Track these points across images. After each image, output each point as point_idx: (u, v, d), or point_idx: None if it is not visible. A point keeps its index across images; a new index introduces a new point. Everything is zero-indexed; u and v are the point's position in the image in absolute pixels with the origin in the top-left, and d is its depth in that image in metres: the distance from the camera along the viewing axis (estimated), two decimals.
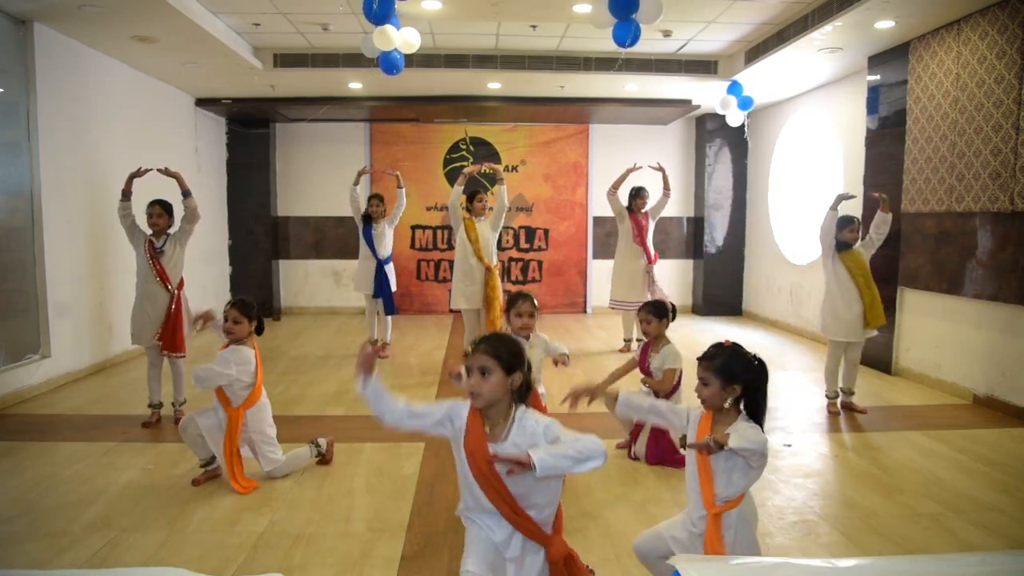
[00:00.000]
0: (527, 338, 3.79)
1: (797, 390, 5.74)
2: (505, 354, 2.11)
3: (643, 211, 7.28)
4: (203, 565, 2.88)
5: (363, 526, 3.31)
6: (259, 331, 3.88)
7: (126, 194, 4.77)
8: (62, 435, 4.61)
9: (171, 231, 4.86)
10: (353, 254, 7.77)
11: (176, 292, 4.82)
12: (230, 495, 3.64)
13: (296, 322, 9.25)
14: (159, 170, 4.88)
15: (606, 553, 3.03)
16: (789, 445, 4.47)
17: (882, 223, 5.03)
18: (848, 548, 3.11)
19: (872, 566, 1.92)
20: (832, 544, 3.14)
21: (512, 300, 3.91)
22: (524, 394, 2.20)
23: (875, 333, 5.13)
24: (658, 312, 4.14)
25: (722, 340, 2.43)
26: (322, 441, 4.10)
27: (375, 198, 6.91)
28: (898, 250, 6.19)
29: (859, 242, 5.09)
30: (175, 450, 4.32)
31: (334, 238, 10.28)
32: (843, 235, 5.01)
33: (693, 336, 7.95)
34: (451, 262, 7.32)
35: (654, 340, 4.15)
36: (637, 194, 7.27)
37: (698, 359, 2.38)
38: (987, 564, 1.92)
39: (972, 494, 3.69)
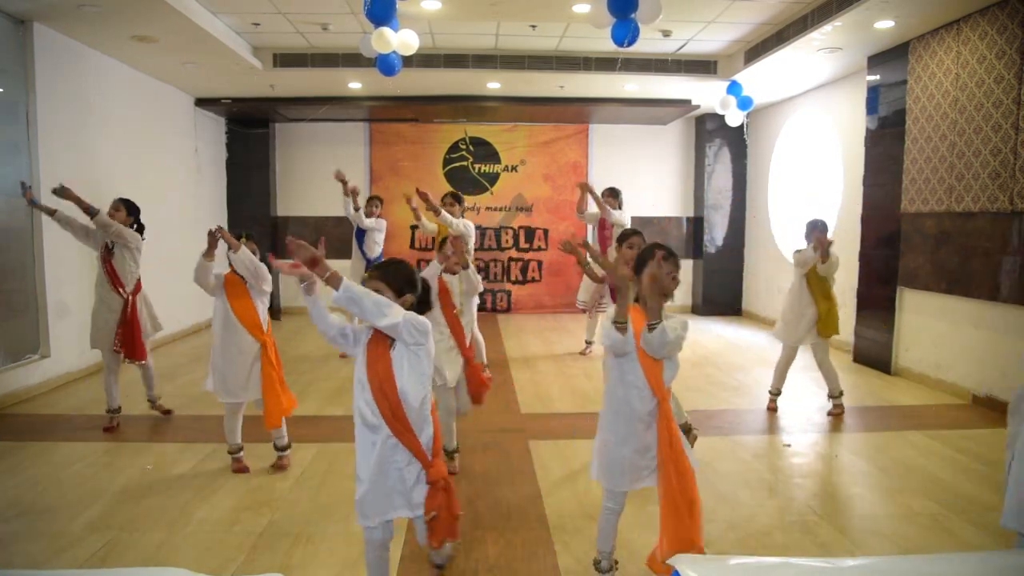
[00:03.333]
0: (455, 274, 4.00)
1: (797, 390, 5.74)
2: (393, 279, 2.42)
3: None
4: (203, 565, 2.88)
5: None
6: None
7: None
8: (62, 435, 4.61)
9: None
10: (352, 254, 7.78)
11: (131, 297, 4.72)
12: (230, 495, 3.64)
13: (296, 322, 9.24)
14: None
15: None
16: (789, 445, 4.48)
17: (830, 265, 4.90)
18: (848, 548, 3.11)
19: (872, 566, 1.92)
20: (832, 544, 3.15)
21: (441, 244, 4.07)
22: (421, 311, 2.46)
23: (826, 341, 5.09)
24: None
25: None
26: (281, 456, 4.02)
27: (376, 199, 7.11)
28: (898, 250, 6.19)
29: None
30: (175, 450, 4.32)
31: (333, 238, 10.22)
32: (814, 238, 4.95)
33: (693, 336, 7.89)
34: None
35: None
36: (610, 195, 6.96)
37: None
38: (987, 564, 1.93)
39: (972, 494, 3.70)
